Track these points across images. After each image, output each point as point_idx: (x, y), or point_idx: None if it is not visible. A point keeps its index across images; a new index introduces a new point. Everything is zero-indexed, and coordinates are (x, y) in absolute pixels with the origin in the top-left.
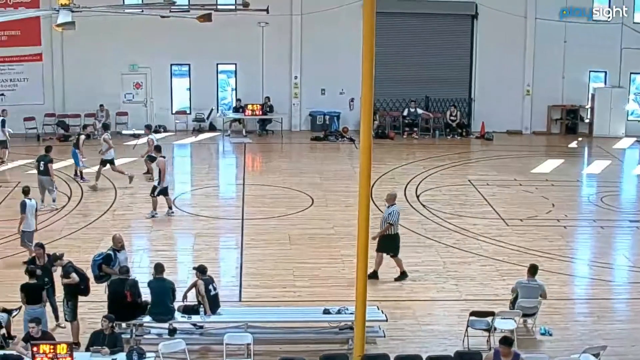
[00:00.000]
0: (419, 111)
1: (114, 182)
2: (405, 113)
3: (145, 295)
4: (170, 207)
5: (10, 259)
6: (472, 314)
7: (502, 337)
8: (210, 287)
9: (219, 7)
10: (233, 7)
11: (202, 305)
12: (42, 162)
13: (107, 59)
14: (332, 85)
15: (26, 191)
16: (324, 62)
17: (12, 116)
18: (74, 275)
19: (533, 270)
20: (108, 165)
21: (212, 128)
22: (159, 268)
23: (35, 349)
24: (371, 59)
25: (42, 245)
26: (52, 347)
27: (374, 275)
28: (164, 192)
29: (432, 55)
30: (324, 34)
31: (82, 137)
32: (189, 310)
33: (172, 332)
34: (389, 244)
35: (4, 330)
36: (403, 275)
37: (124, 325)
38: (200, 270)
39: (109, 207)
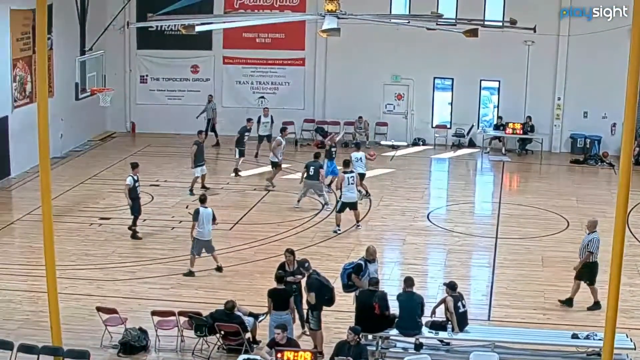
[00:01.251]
0: None
1: (370, 193)
2: None
3: (394, 308)
4: (357, 222)
5: (261, 263)
6: None
7: None
8: (460, 304)
9: (486, 22)
10: (500, 23)
11: (450, 322)
12: (312, 167)
13: (370, 68)
14: (595, 109)
15: (203, 199)
16: (588, 84)
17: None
18: (312, 295)
19: None
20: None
21: (472, 144)
22: (409, 281)
23: (279, 355)
24: (636, 84)
25: (293, 252)
26: (296, 354)
27: (568, 302)
28: (350, 206)
29: None
30: (590, 57)
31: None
32: (436, 326)
33: (419, 347)
34: (587, 271)
35: (249, 335)
36: (596, 306)
37: (370, 337)
38: (451, 286)
39: (362, 217)
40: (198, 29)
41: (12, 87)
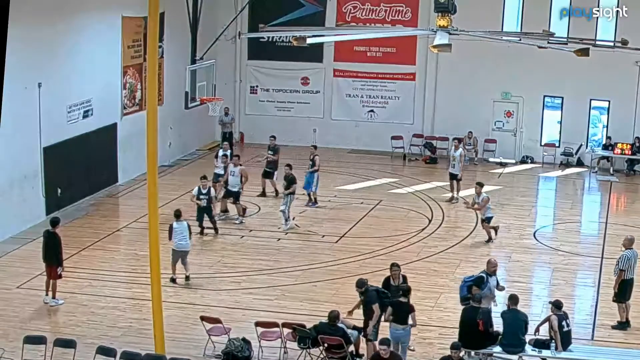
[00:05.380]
0: None
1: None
2: None
3: (498, 325)
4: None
5: (366, 277)
6: None
7: None
8: (564, 323)
9: (597, 42)
10: (612, 43)
11: (553, 341)
12: None
13: (480, 85)
14: None
15: (176, 214)
16: None
17: (379, 134)
18: (377, 305)
19: None
20: None
21: (580, 163)
22: (513, 299)
23: None
24: None
25: (399, 266)
26: None
27: (622, 325)
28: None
29: None
30: None
31: None
32: (540, 344)
33: None
34: (619, 289)
35: (352, 348)
36: (621, 325)
37: (473, 353)
38: (556, 305)
39: (469, 232)
40: (309, 41)
41: (122, 95)
